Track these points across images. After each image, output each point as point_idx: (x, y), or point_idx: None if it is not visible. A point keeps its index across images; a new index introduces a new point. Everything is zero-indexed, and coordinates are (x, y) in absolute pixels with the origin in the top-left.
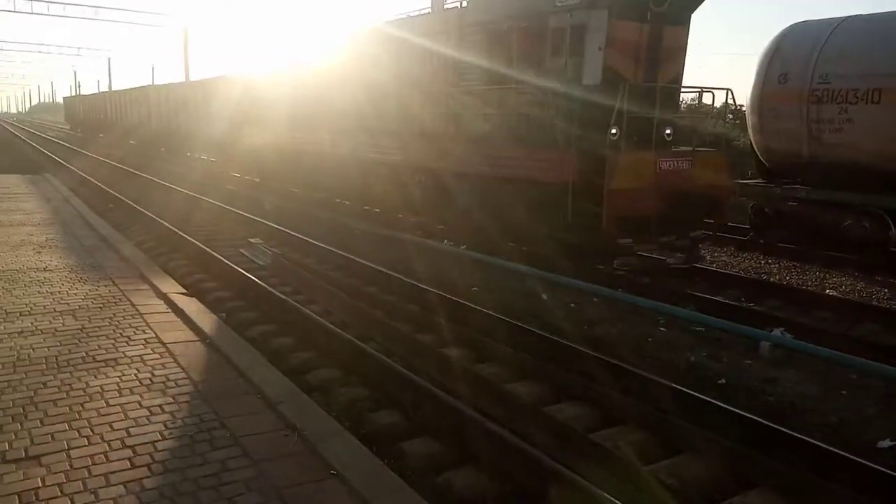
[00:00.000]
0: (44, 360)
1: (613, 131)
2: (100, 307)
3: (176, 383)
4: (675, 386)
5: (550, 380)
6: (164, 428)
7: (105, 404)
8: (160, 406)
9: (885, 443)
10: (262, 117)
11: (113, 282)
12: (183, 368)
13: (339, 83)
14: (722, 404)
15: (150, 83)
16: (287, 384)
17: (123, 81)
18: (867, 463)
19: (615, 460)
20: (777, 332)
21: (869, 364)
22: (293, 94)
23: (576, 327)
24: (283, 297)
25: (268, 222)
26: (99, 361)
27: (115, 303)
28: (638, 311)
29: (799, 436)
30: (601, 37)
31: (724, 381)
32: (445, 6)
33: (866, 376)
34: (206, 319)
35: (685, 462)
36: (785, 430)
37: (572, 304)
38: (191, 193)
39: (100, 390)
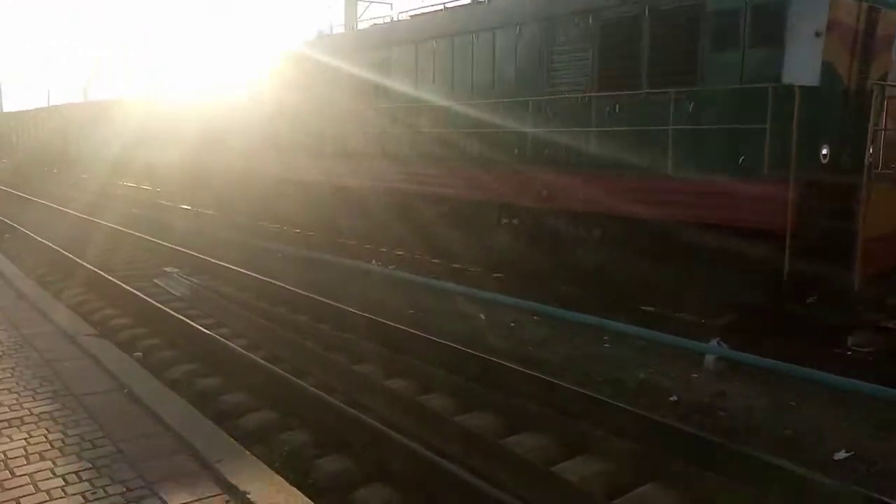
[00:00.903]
0: None
1: (824, 152)
2: None
3: (93, 444)
4: (638, 412)
5: (500, 410)
6: (83, 500)
7: (10, 474)
8: (77, 473)
9: (842, 454)
10: (163, 137)
11: (12, 324)
12: (100, 425)
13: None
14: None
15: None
16: (223, 437)
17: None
18: None
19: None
20: (714, 342)
21: (813, 373)
22: (197, 114)
23: (518, 348)
24: (205, 330)
25: (183, 249)
26: (1, 422)
27: (14, 350)
28: (581, 329)
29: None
30: (820, 18)
31: (675, 398)
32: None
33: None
34: (121, 363)
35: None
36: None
37: (512, 324)
38: (91, 218)
39: (3, 457)
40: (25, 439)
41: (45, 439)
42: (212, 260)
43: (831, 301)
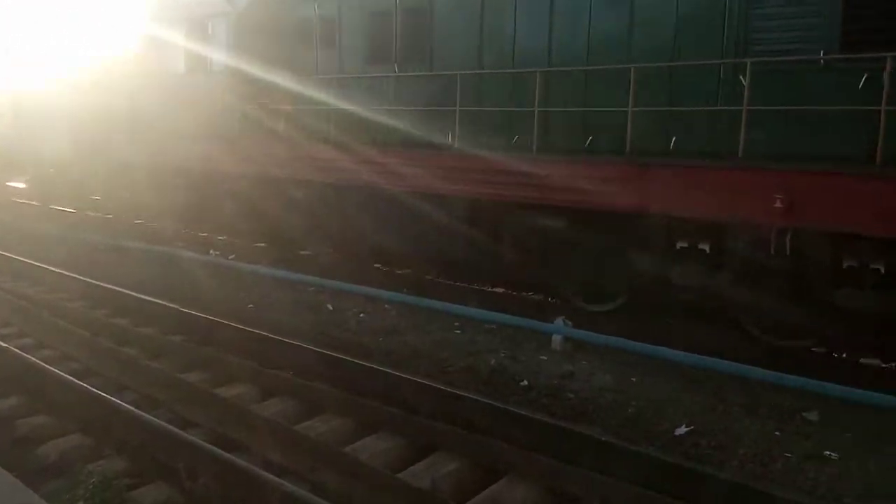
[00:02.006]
0: None
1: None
2: None
3: None
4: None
5: (351, 412)
6: None
7: None
8: None
9: (682, 429)
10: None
11: None
12: None
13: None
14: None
15: None
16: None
17: None
18: None
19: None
20: (559, 321)
21: (657, 350)
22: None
23: (371, 339)
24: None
25: None
26: None
27: None
28: (432, 315)
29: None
30: None
31: (526, 382)
32: None
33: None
34: None
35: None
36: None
37: (362, 315)
38: None
39: None
40: None
41: None
42: (24, 260)
43: None
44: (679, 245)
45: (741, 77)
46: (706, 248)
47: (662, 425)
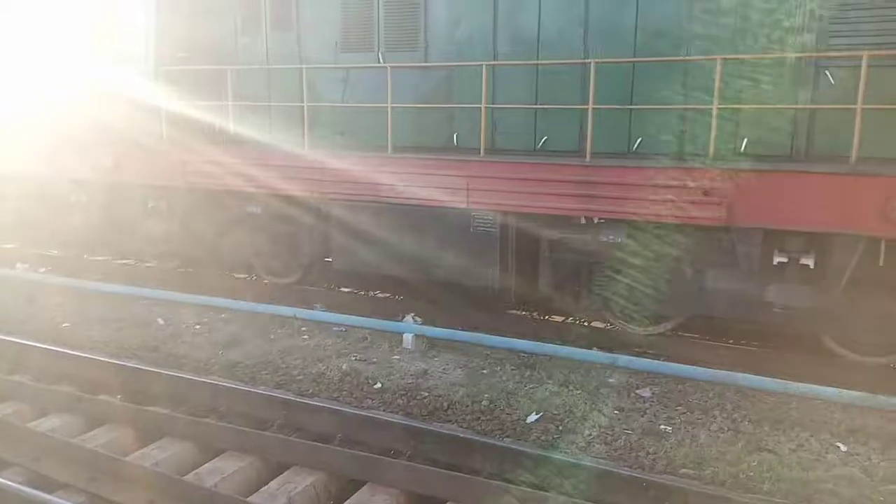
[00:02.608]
0: None
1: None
2: None
3: None
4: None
5: (191, 435)
6: None
7: None
8: None
9: (533, 417)
10: None
11: None
12: None
13: None
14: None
15: None
16: None
17: None
18: None
19: None
20: (409, 318)
21: (503, 340)
22: None
23: (210, 353)
24: None
25: None
26: None
27: None
28: (277, 321)
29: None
30: None
31: (380, 384)
32: None
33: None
34: None
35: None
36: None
37: (198, 327)
38: None
39: None
40: None
41: None
42: None
43: None
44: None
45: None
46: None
47: (515, 414)
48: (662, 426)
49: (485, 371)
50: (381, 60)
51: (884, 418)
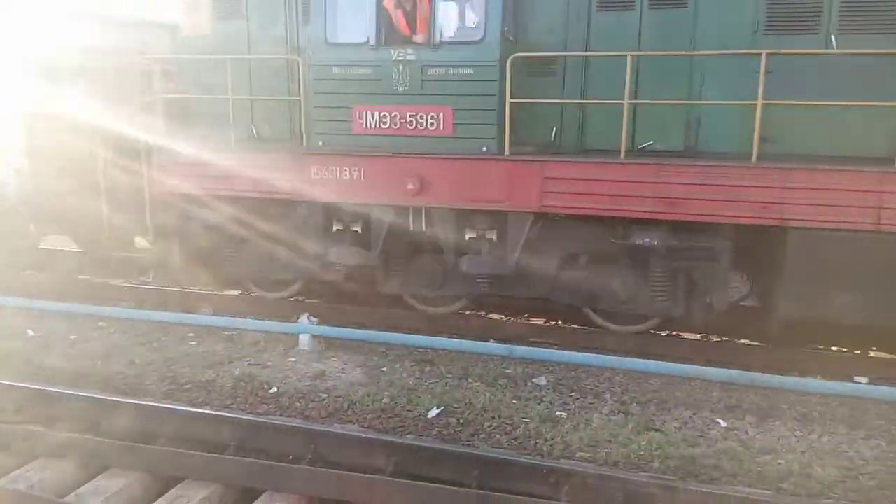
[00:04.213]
0: None
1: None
2: None
3: None
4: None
5: (72, 453)
6: None
7: None
8: None
9: (434, 412)
10: None
11: None
12: None
13: None
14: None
15: None
16: None
17: None
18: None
19: None
20: (304, 319)
21: (400, 337)
22: None
23: (88, 364)
24: None
25: None
26: None
27: None
28: (161, 328)
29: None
30: None
31: (276, 388)
32: None
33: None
34: None
35: None
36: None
37: (73, 337)
38: None
39: None
40: None
41: None
42: None
43: None
44: None
45: None
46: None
47: (415, 410)
48: (558, 412)
49: (384, 369)
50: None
51: (758, 394)
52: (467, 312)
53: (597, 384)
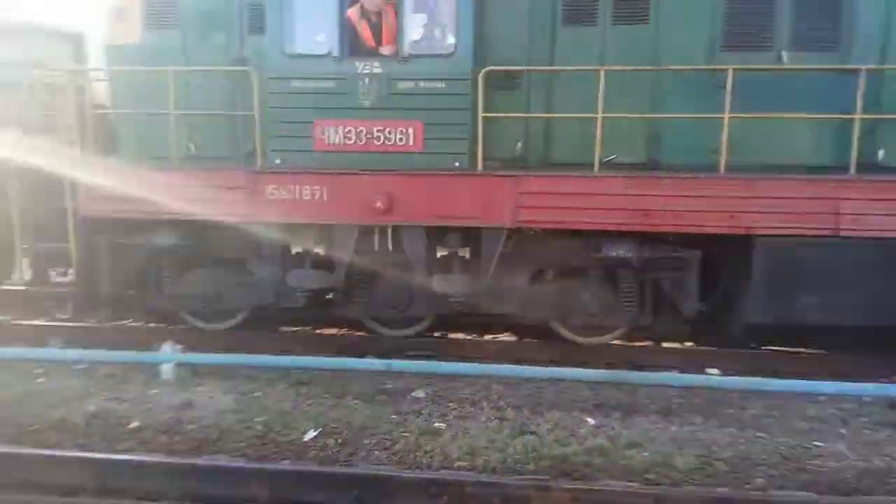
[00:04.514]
0: None
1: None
2: None
3: None
4: None
5: None
6: None
7: None
8: None
9: (311, 434)
10: None
11: None
12: None
13: None
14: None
15: None
16: None
17: None
18: None
19: None
20: (167, 347)
21: (272, 359)
22: None
23: None
24: None
25: None
26: None
27: None
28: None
29: None
30: None
31: (137, 423)
32: None
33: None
34: None
35: None
36: None
37: None
38: None
39: None
40: None
41: None
42: None
43: None
44: None
45: None
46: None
47: (292, 434)
48: (437, 424)
49: (257, 394)
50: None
51: (622, 391)
52: (437, 335)
53: (474, 392)
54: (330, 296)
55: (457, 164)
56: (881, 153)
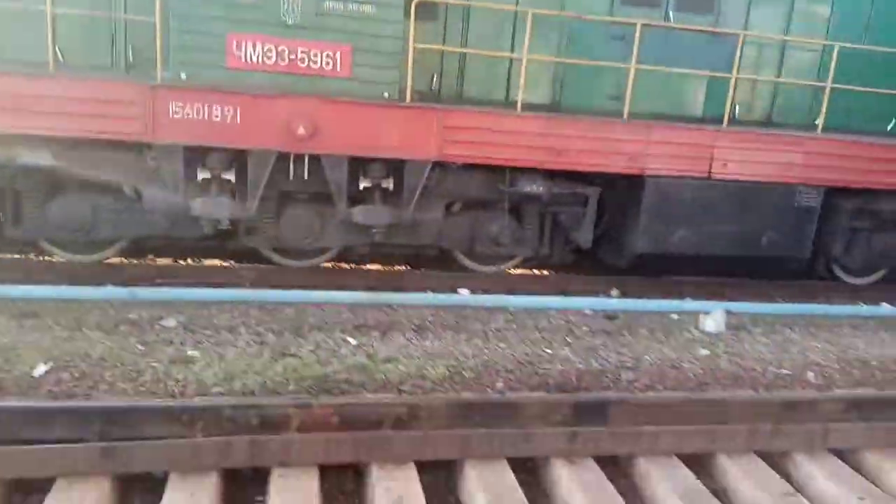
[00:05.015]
0: None
1: None
2: None
3: None
4: None
5: None
6: None
7: None
8: None
9: (41, 369)
10: None
11: None
12: None
13: None
14: None
15: None
16: None
17: None
18: None
19: None
20: None
21: None
22: None
23: None
24: None
25: None
26: None
27: None
28: None
29: None
30: None
31: None
32: None
33: None
34: None
35: None
36: None
37: None
38: None
39: None
40: None
41: None
42: None
43: None
44: None
45: None
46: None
47: (17, 370)
48: (190, 352)
49: None
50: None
51: (381, 312)
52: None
53: (231, 319)
54: (227, 225)
55: (386, 94)
56: (737, 109)
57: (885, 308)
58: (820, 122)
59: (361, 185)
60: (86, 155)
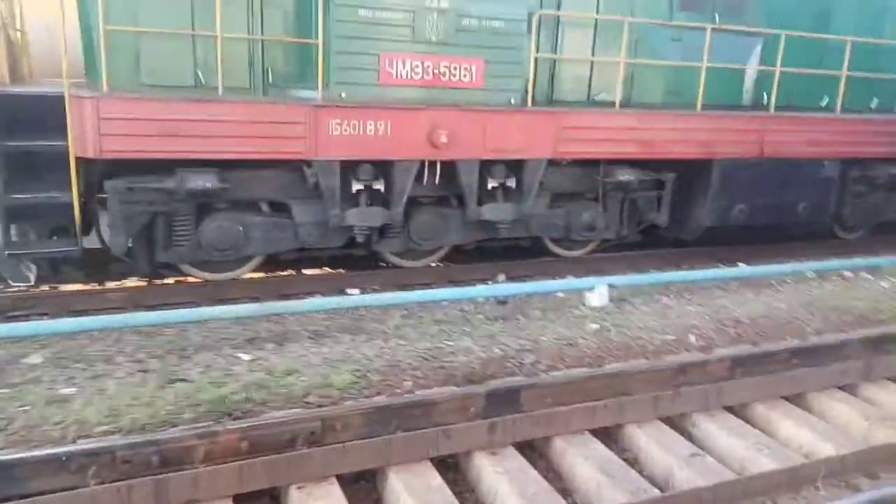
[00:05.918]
0: None
1: None
2: None
3: None
4: None
5: None
6: None
7: None
8: None
9: None
10: None
11: None
12: None
13: None
14: None
15: None
16: None
17: None
18: None
19: None
20: None
21: None
22: None
23: None
24: None
25: None
26: None
27: None
28: None
29: None
30: None
31: None
32: None
33: None
34: None
35: None
36: None
37: None
38: None
39: None
40: None
41: None
42: None
43: None
44: None
45: None
46: None
47: None
48: (64, 390)
49: None
50: None
51: (271, 322)
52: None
53: (105, 348)
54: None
55: (512, 100)
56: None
57: (742, 268)
58: (838, 103)
59: (489, 185)
60: (248, 175)
